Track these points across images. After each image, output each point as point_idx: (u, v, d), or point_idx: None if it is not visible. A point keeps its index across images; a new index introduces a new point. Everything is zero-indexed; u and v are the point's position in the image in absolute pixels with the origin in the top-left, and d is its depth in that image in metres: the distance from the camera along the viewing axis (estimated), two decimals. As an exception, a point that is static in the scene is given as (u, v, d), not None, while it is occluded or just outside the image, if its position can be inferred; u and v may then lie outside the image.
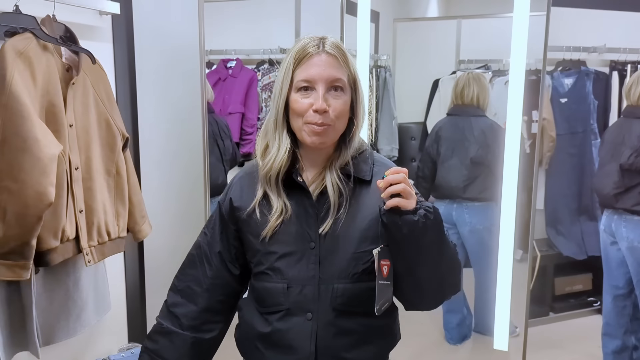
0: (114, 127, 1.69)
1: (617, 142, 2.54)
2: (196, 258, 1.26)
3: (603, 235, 2.63)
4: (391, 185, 1.04)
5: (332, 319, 1.13)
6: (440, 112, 3.52)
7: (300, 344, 1.14)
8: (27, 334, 1.53)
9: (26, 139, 1.34)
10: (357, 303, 1.14)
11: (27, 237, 1.36)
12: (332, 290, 1.13)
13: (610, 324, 2.67)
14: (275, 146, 1.15)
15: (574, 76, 3.40)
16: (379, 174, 1.19)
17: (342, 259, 1.13)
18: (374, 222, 1.13)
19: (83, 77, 1.60)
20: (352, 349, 1.15)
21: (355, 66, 1.17)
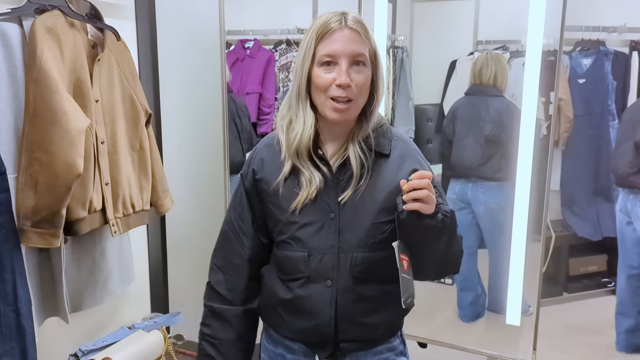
0: (137, 103, 1.74)
1: (634, 121, 2.54)
2: (230, 233, 1.28)
3: (619, 215, 2.64)
4: (414, 190, 1.05)
5: (350, 285, 1.17)
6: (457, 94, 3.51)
7: (320, 309, 1.18)
8: (57, 300, 1.60)
9: (55, 112, 1.40)
10: (374, 271, 1.18)
11: (58, 207, 1.42)
12: (351, 259, 1.17)
13: (624, 303, 2.69)
14: (301, 121, 1.18)
15: (593, 56, 3.37)
16: (397, 148, 1.23)
17: (360, 229, 1.17)
18: (391, 194, 1.16)
19: (108, 54, 1.65)
20: (370, 313, 1.20)
21: (375, 41, 1.18)
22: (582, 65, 3.38)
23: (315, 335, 1.20)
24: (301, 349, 1.24)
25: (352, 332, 1.20)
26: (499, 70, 2.79)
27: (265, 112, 2.80)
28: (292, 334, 1.23)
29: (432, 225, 1.08)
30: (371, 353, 1.24)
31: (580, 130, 3.36)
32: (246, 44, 2.84)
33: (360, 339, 1.21)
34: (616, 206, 2.67)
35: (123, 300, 1.93)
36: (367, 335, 1.21)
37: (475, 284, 2.92)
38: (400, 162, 1.21)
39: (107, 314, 1.87)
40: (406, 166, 1.20)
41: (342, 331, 1.19)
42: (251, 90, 2.78)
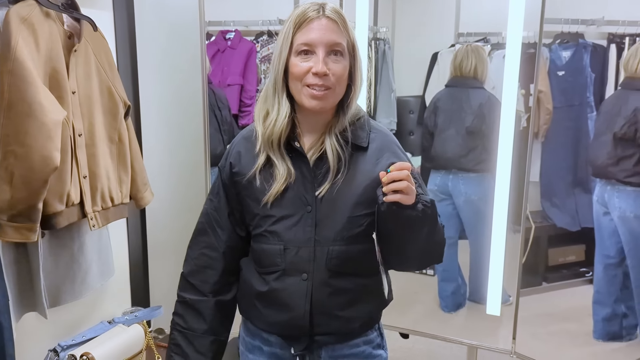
0: (115, 95, 1.72)
1: (613, 113, 2.58)
2: (206, 225, 1.28)
3: (596, 206, 2.68)
4: (394, 182, 1.05)
5: (326, 279, 1.17)
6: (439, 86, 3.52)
7: (296, 302, 1.18)
8: (35, 295, 1.58)
9: (31, 104, 1.37)
10: (351, 264, 1.18)
11: (34, 200, 1.40)
12: (328, 252, 1.16)
13: (600, 292, 2.74)
14: (275, 110, 1.17)
15: (572, 49, 3.41)
16: (375, 140, 1.22)
17: (337, 222, 1.16)
18: (369, 187, 1.16)
19: (85, 45, 1.62)
20: (346, 307, 1.20)
21: (353, 33, 1.18)
22: (562, 58, 3.42)
23: (291, 328, 1.20)
24: (277, 341, 1.24)
25: (328, 326, 1.20)
26: (479, 62, 2.81)
27: (247, 103, 2.79)
28: (269, 326, 1.24)
29: (413, 216, 1.08)
30: (347, 346, 1.24)
31: (559, 122, 3.40)
32: (227, 35, 2.81)
33: (335, 332, 1.22)
34: (593, 197, 2.71)
35: (103, 294, 1.91)
36: (343, 329, 1.22)
37: (455, 274, 2.95)
38: (378, 155, 1.21)
39: (87, 308, 1.85)
40: (384, 159, 1.20)
41: (318, 324, 1.19)
42: (232, 82, 2.76)
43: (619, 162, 2.50)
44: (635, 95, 2.50)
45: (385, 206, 1.08)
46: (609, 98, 2.81)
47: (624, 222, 2.52)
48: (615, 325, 2.73)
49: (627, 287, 2.68)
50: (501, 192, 2.31)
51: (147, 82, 2.04)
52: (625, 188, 2.49)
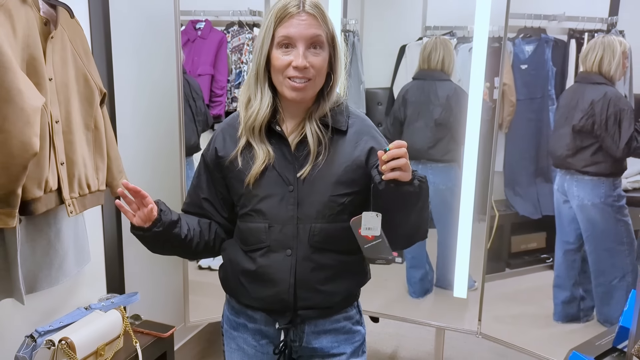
0: (91, 82, 1.72)
1: (571, 106, 2.70)
2: (189, 207, 1.38)
3: (556, 195, 2.81)
4: (393, 160, 1.09)
5: (309, 254, 1.24)
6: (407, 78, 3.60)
7: (281, 276, 1.25)
8: (12, 281, 1.57)
9: (9, 89, 1.37)
10: (332, 241, 1.25)
11: (13, 186, 1.41)
12: (310, 229, 1.24)
13: (560, 277, 2.87)
14: (258, 99, 1.24)
15: (534, 43, 3.52)
16: (354, 125, 1.30)
17: (319, 201, 1.23)
18: (349, 169, 1.25)
19: (61, 32, 1.62)
20: (327, 282, 1.27)
21: (333, 25, 1.25)
22: (525, 52, 3.53)
23: (276, 302, 1.27)
24: (262, 318, 1.31)
25: (311, 300, 1.27)
26: (447, 55, 2.90)
27: (218, 94, 2.80)
28: (254, 302, 1.30)
29: (411, 192, 1.14)
30: (329, 321, 1.32)
31: (522, 114, 3.52)
32: (197, 25, 2.81)
33: (318, 306, 1.28)
34: (554, 186, 2.83)
35: (78, 281, 1.91)
36: (325, 303, 1.28)
37: (423, 261, 3.04)
38: (357, 138, 1.28)
39: (63, 295, 1.85)
40: (362, 142, 1.27)
41: (301, 298, 1.26)
42: (203, 72, 2.76)
43: (577, 152, 2.63)
44: (591, 89, 2.63)
45: (384, 184, 1.13)
46: (566, 91, 2.94)
47: (582, 210, 2.65)
48: (573, 308, 2.87)
49: (585, 272, 2.82)
50: (468, 182, 2.40)
51: (121, 70, 2.05)
52: (583, 177, 2.62)
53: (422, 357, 2.68)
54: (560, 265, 2.87)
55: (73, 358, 1.62)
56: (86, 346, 1.67)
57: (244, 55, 2.89)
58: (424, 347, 2.74)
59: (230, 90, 2.87)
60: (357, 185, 1.26)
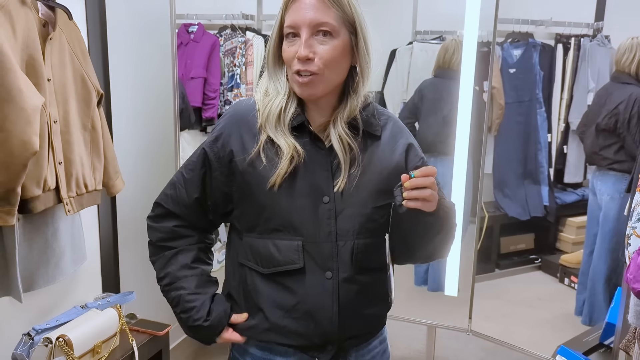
0: (89, 83, 1.74)
1: (599, 105, 2.78)
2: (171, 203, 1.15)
3: (590, 193, 2.89)
4: (417, 189, 0.97)
5: (352, 275, 1.08)
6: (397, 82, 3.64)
7: (322, 304, 1.06)
8: (10, 279, 1.59)
9: (10, 89, 1.39)
10: (372, 258, 1.11)
11: (13, 184, 1.43)
12: (353, 247, 1.07)
13: (585, 274, 2.90)
14: (274, 89, 1.09)
15: (522, 48, 3.60)
16: (387, 127, 1.14)
17: (360, 214, 1.08)
18: (390, 175, 1.09)
19: (59, 33, 1.65)
20: (371, 305, 1.13)
21: (354, 6, 1.05)
22: (513, 56, 3.60)
23: (316, 335, 1.08)
24: (295, 356, 1.10)
25: (355, 327, 1.11)
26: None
27: (211, 96, 2.82)
28: (286, 338, 1.09)
29: (433, 222, 1.03)
30: (368, 349, 1.16)
31: (510, 117, 3.58)
32: (190, 29, 2.83)
33: (362, 332, 1.14)
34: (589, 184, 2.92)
35: (75, 280, 1.93)
36: (367, 328, 1.15)
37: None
38: (393, 142, 1.13)
39: (60, 293, 1.87)
40: (400, 145, 1.13)
41: (346, 327, 1.09)
42: (196, 75, 2.78)
43: (602, 150, 2.72)
44: (620, 89, 2.69)
45: (404, 209, 1.00)
46: (599, 91, 3.00)
47: (604, 205, 2.72)
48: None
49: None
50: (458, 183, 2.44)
51: (117, 71, 2.07)
52: (607, 173, 2.72)
53: (413, 356, 2.71)
54: (587, 263, 2.91)
55: (70, 355, 1.63)
56: (83, 344, 1.69)
57: (236, 59, 2.92)
58: (415, 345, 2.77)
59: (223, 93, 2.90)
60: None
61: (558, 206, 3.69)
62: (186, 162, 1.15)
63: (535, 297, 3.31)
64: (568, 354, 1.79)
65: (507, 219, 3.65)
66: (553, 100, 3.69)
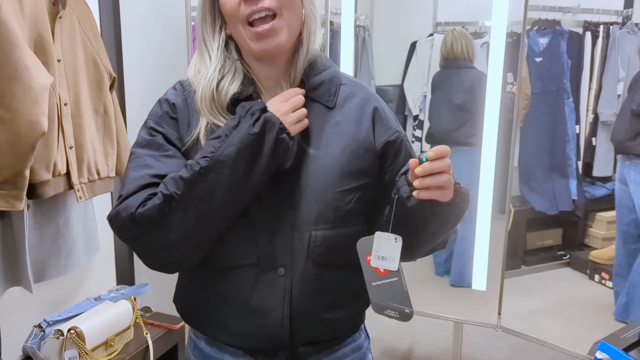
0: (101, 66, 1.68)
1: (634, 89, 2.67)
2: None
3: (617, 184, 2.77)
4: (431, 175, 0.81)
5: (309, 273, 0.93)
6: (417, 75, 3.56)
7: (270, 304, 0.92)
8: (20, 269, 1.53)
9: (17, 67, 1.33)
10: (337, 253, 0.94)
11: (21, 167, 1.36)
12: (310, 239, 0.92)
13: (621, 266, 2.79)
14: (205, 63, 0.95)
15: (549, 36, 3.47)
16: (355, 94, 0.99)
17: (319, 200, 0.92)
18: (355, 154, 0.95)
19: (70, 13, 1.58)
20: (332, 307, 0.96)
21: None
22: (539, 44, 3.47)
23: (264, 338, 0.94)
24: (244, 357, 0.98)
25: (311, 332, 0.96)
26: (468, 44, 2.95)
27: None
28: (233, 338, 0.97)
29: (449, 214, 0.87)
30: (335, 357, 1.01)
31: (536, 108, 3.46)
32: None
33: (320, 339, 0.98)
34: (616, 175, 2.80)
35: (88, 271, 1.87)
36: (329, 334, 0.99)
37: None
38: (360, 113, 0.98)
39: (72, 285, 1.81)
40: (367, 116, 0.97)
41: (299, 332, 0.94)
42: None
43: (636, 137, 2.60)
44: None
45: (414, 202, 0.85)
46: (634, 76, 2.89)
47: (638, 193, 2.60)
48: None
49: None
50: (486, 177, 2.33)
51: (131, 56, 2.01)
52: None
53: (438, 354, 2.61)
54: (621, 254, 2.79)
55: (82, 348, 1.57)
56: (96, 336, 1.62)
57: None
58: (440, 343, 2.67)
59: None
60: (367, 175, 0.96)
61: (587, 200, 3.56)
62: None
63: (565, 293, 3.19)
64: (609, 349, 1.67)
65: (534, 213, 3.52)
66: (581, 91, 3.57)
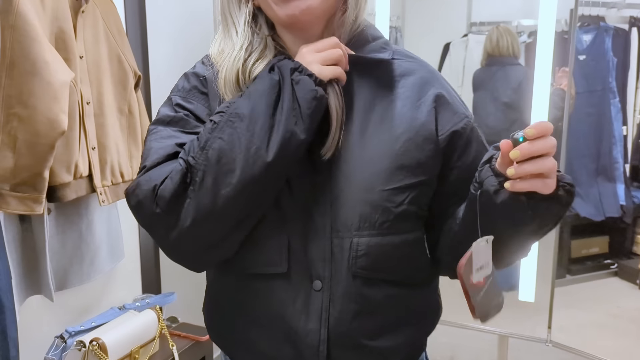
0: (125, 64, 1.61)
1: None
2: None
3: None
4: (532, 160, 0.65)
5: (351, 289, 0.77)
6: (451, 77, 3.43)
7: (305, 327, 0.77)
8: (41, 276, 1.46)
9: (35, 61, 1.26)
10: (387, 265, 0.78)
11: (39, 168, 1.28)
12: (351, 247, 0.76)
13: None
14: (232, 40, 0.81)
15: (593, 32, 3.31)
16: (414, 70, 0.83)
17: (364, 200, 0.76)
18: (411, 143, 0.77)
19: (93, 7, 1.51)
20: (379, 333, 0.80)
21: None
22: (583, 42, 3.31)
23: None
24: None
25: None
26: (514, 40, 2.87)
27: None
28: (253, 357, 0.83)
29: (551, 209, 0.69)
30: None
31: (580, 108, 3.29)
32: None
33: None
34: None
35: (112, 279, 1.79)
36: None
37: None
38: (419, 94, 0.80)
39: (96, 293, 1.73)
40: (429, 98, 0.80)
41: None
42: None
43: None
44: None
45: (507, 197, 0.68)
46: None
47: None
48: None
49: None
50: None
51: (157, 55, 1.93)
52: None
53: (480, 369, 2.46)
54: None
55: (105, 361, 1.48)
56: (119, 348, 1.53)
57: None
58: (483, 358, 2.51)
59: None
60: (426, 171, 0.79)
61: (635, 206, 3.37)
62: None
63: (614, 305, 3.00)
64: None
65: (579, 219, 3.34)
66: (628, 90, 3.38)
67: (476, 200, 0.71)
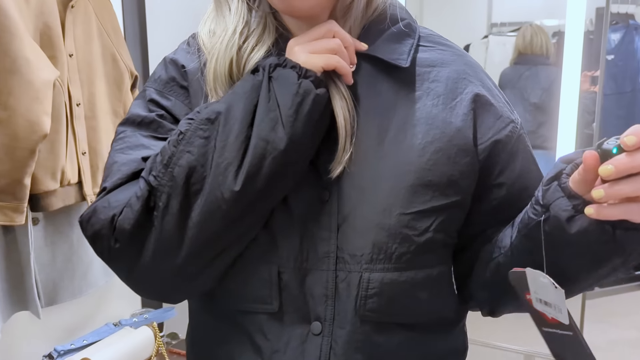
0: (121, 63, 1.51)
1: None
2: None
3: None
4: (628, 177, 0.49)
5: (357, 335, 0.63)
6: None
7: None
8: (26, 291, 1.35)
9: (15, 59, 1.15)
10: (403, 306, 0.64)
11: (19, 175, 1.18)
12: (360, 283, 0.62)
13: None
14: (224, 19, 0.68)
15: (622, 31, 3.17)
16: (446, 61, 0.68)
17: (379, 225, 0.62)
18: (441, 155, 0.62)
19: (84, 3, 1.42)
20: None
21: None
22: (611, 41, 3.17)
23: None
24: None
25: None
26: (547, 40, 2.78)
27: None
28: None
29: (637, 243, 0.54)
30: None
31: (609, 111, 3.14)
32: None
33: None
34: None
35: (109, 293, 1.68)
36: None
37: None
38: (453, 92, 0.66)
39: (89, 309, 1.62)
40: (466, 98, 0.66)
41: None
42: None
43: None
44: None
45: (583, 226, 0.54)
46: None
47: None
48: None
49: None
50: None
51: (157, 51, 1.83)
52: None
53: (503, 389, 2.30)
54: None
55: (95, 383, 1.37)
56: (111, 369, 1.43)
57: None
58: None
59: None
60: (458, 190, 0.64)
61: (668, 214, 3.18)
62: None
63: (645, 320, 2.82)
64: None
65: (608, 228, 3.17)
66: (659, 92, 3.21)
67: (538, 228, 0.56)
